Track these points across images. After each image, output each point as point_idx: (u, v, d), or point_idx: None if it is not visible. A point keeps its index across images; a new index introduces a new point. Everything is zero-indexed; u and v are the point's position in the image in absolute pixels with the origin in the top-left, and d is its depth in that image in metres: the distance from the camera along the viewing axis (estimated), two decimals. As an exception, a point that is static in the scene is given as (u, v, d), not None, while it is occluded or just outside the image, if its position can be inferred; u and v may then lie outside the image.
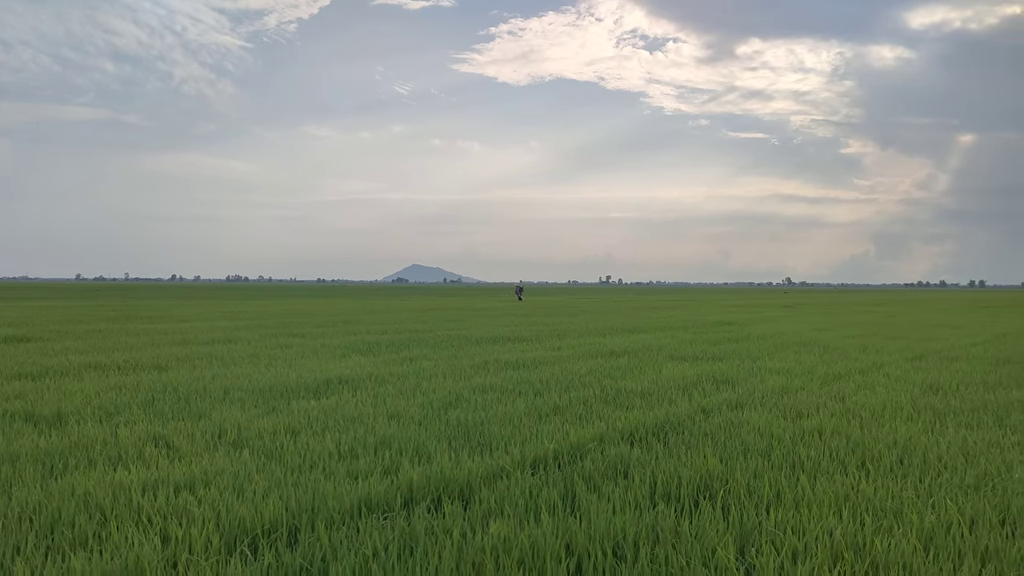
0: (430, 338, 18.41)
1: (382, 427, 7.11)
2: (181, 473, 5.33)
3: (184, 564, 3.68)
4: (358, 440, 6.50)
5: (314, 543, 3.89)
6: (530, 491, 4.95)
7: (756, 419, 7.54)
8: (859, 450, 6.17)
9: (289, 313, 32.90)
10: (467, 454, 6.08)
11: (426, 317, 30.26)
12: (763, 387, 10.02)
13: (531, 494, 4.90)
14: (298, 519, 4.27)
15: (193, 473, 5.32)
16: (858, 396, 9.13)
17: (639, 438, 6.74)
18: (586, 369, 11.95)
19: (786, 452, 6.07)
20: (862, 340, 18.43)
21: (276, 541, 3.98)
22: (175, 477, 5.22)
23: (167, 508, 4.51)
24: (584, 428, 7.08)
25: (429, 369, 11.95)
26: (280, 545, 3.90)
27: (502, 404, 8.60)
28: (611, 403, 8.72)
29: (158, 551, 3.85)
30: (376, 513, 4.50)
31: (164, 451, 6.18)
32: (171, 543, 3.95)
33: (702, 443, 6.46)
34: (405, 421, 7.50)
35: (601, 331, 21.79)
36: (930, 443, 6.40)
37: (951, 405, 8.50)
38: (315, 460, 5.79)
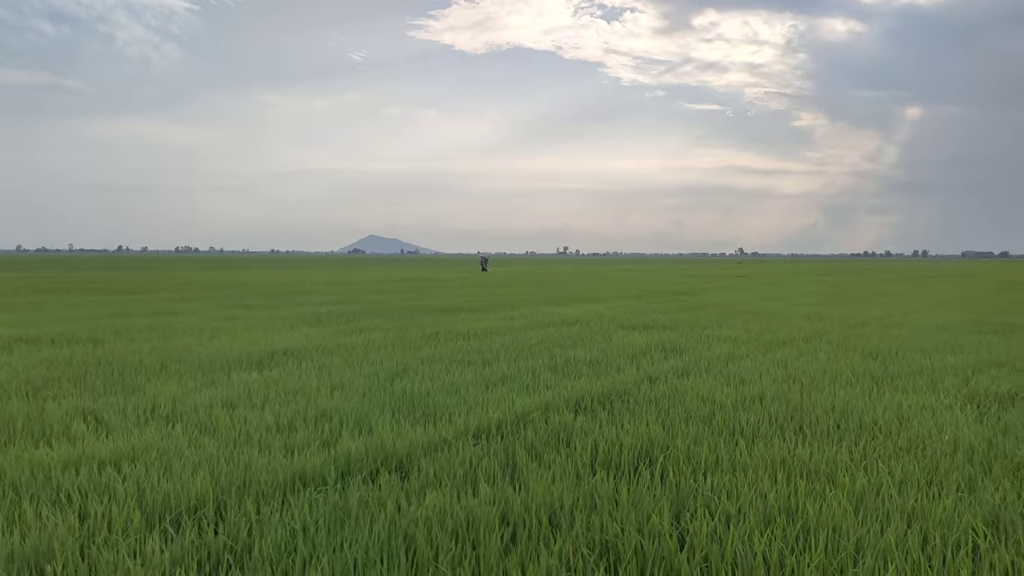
0: (383, 309, 18.18)
1: (324, 399, 6.95)
2: (108, 449, 5.10)
3: (101, 542, 3.51)
4: (298, 413, 6.34)
5: (240, 519, 3.75)
6: (471, 461, 4.88)
7: (700, 386, 7.61)
8: (798, 415, 6.27)
9: (238, 284, 32.13)
10: (410, 425, 5.98)
11: (381, 288, 29.90)
12: (710, 354, 10.14)
13: (471, 464, 4.83)
14: (227, 495, 4.12)
15: (120, 449, 5.10)
16: (800, 362, 9.30)
17: (584, 407, 6.74)
18: (537, 339, 11.92)
19: (727, 418, 6.13)
20: (808, 309, 18.85)
21: (201, 518, 3.83)
22: (101, 453, 4.99)
23: (88, 485, 4.31)
24: (530, 397, 7.04)
25: (379, 340, 11.77)
26: (204, 522, 3.75)
27: (450, 374, 8.51)
28: (559, 372, 8.70)
29: (74, 530, 3.66)
30: (311, 487, 4.38)
31: (92, 426, 5.92)
32: (89, 521, 3.76)
33: (646, 410, 6.49)
34: (349, 393, 7.35)
35: (555, 301, 21.83)
36: (867, 407, 6.54)
37: (889, 370, 8.72)
38: (251, 434, 5.61)
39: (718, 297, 24.21)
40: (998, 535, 3.60)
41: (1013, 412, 6.39)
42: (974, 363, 9.24)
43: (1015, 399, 7.02)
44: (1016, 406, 6.68)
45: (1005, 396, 7.10)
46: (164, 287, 29.81)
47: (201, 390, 7.49)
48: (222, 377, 8.26)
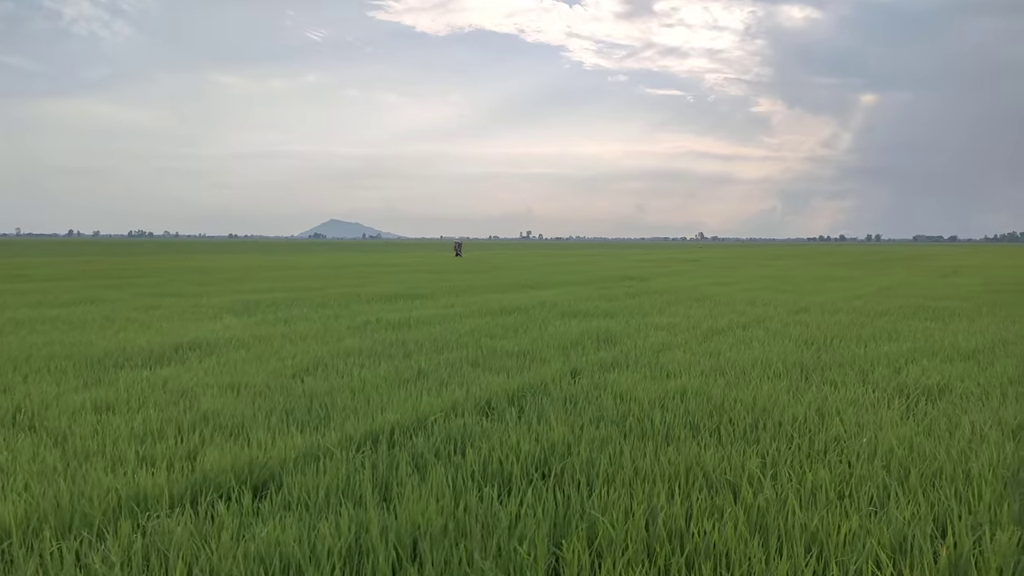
0: (319, 296, 17.46)
1: (211, 400, 6.34)
2: (-72, 467, 4.45)
3: None
4: (173, 418, 5.73)
5: (24, 560, 3.17)
6: (347, 475, 4.36)
7: (623, 381, 7.20)
8: (717, 414, 5.89)
9: (179, 270, 30.90)
10: (296, 430, 5.43)
11: (328, 274, 29.04)
12: (643, 344, 9.77)
13: (347, 479, 4.32)
14: (28, 526, 3.53)
15: (-59, 466, 4.46)
16: (732, 352, 8.98)
17: (495, 406, 6.26)
18: (469, 328, 11.42)
19: (642, 418, 5.72)
20: (754, 294, 18.71)
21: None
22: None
23: None
24: (439, 396, 6.54)
25: (302, 331, 11.14)
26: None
27: (364, 369, 7.96)
28: (481, 366, 8.22)
29: None
30: (147, 512, 3.81)
31: (-70, 438, 5.23)
32: None
33: (558, 410, 6.04)
34: (244, 392, 6.75)
35: (503, 287, 21.35)
36: (789, 403, 6.20)
37: (821, 360, 8.44)
38: (108, 444, 5.00)
39: (668, 283, 24.01)
40: (903, 560, 3.23)
41: (939, 407, 6.11)
42: (908, 352, 9.03)
43: (943, 392, 6.76)
44: (943, 400, 6.42)
45: (934, 389, 6.84)
46: (98, 273, 28.49)
47: (79, 391, 6.81)
48: (110, 375, 7.57)
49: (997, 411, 5.85)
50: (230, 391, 6.81)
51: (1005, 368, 7.66)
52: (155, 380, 7.25)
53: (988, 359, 8.45)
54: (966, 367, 7.96)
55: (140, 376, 7.45)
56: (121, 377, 7.41)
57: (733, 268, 36.48)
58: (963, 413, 5.88)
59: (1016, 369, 7.61)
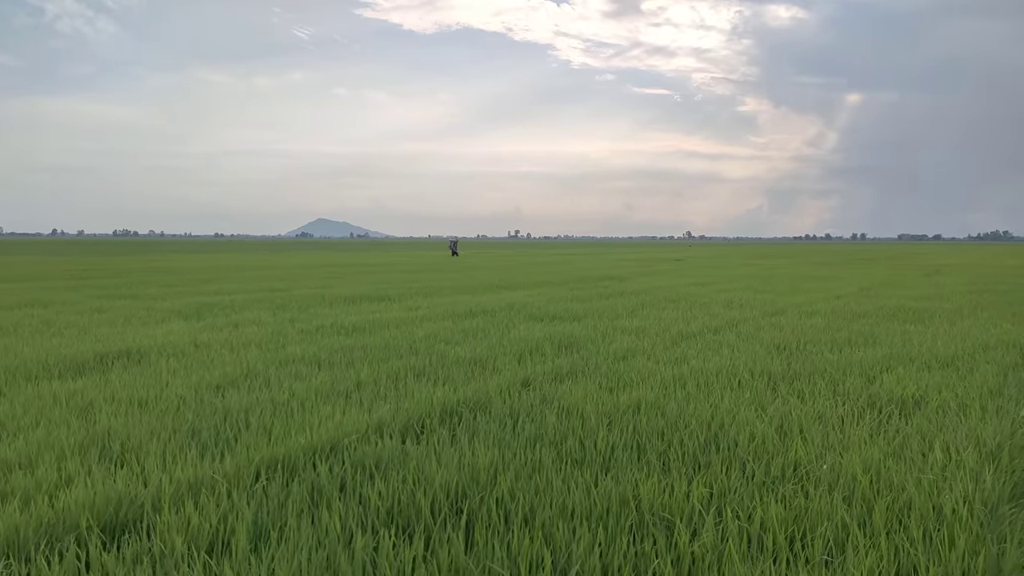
0: (282, 298, 16.78)
1: (110, 419, 5.70)
2: None
3: None
4: (58, 440, 5.09)
5: None
6: (223, 518, 3.75)
7: (575, 393, 6.62)
8: (669, 432, 5.32)
9: (148, 270, 30.06)
10: (197, 455, 4.81)
11: (301, 274, 28.32)
12: (606, 351, 9.20)
13: (222, 522, 3.71)
14: None
15: None
16: (699, 360, 8.43)
17: (425, 425, 5.66)
18: (427, 333, 10.81)
19: (584, 438, 5.14)
20: (732, 294, 18.21)
21: None
22: None
23: None
24: (369, 412, 5.93)
25: (247, 337, 10.49)
26: None
27: (298, 380, 7.34)
28: (426, 376, 7.61)
29: None
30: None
31: None
32: None
33: (495, 429, 5.45)
34: (152, 409, 6.12)
35: (475, 288, 20.74)
36: (749, 419, 5.64)
37: (791, 369, 7.91)
38: (-35, 476, 4.36)
39: (646, 283, 23.49)
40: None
41: (912, 423, 5.58)
42: (884, 358, 8.52)
43: (918, 405, 6.23)
44: (917, 415, 5.88)
45: (908, 401, 6.31)
46: (63, 274, 27.63)
47: (-30, 408, 6.15)
48: (14, 388, 6.91)
49: (975, 428, 5.32)
50: (137, 407, 6.17)
51: (985, 377, 7.15)
52: (61, 394, 6.59)
53: (968, 367, 7.95)
54: (944, 376, 7.44)
55: (46, 390, 6.79)
56: (24, 391, 6.75)
57: (715, 267, 36.05)
58: (938, 431, 5.35)
59: (996, 379, 7.10)
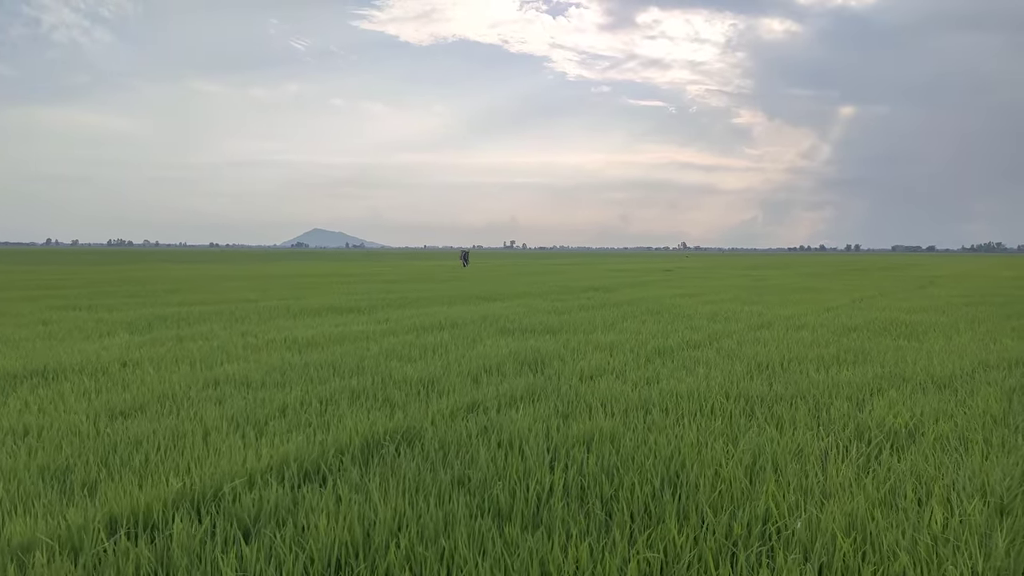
0: (245, 310, 15.93)
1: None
2: None
3: None
4: None
5: None
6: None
7: (522, 421, 5.81)
8: (621, 473, 4.52)
9: (119, 280, 29.19)
10: (60, 499, 4.00)
11: (275, 284, 27.46)
12: (573, 369, 8.39)
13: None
14: None
15: None
16: (671, 380, 7.62)
17: (337, 463, 4.84)
18: (384, 349, 10.00)
19: (519, 481, 4.33)
20: (719, 306, 17.44)
21: None
22: None
23: None
24: (280, 444, 5.11)
25: (186, 353, 9.66)
26: None
27: (216, 405, 6.52)
28: (362, 399, 6.79)
29: None
30: None
31: None
32: None
33: (416, 467, 4.64)
34: (33, 440, 5.28)
35: (453, 299, 19.94)
36: (716, 456, 4.84)
37: (771, 391, 7.11)
38: None
39: (632, 294, 22.71)
40: None
41: (906, 461, 4.78)
42: (875, 379, 7.73)
43: (912, 437, 5.43)
44: (911, 449, 5.09)
45: (901, 432, 5.51)
46: (29, 284, 26.74)
47: None
48: None
49: (979, 469, 4.53)
50: (14, 439, 5.34)
51: (987, 402, 6.36)
52: (-66, 423, 5.75)
53: (967, 389, 7.16)
54: (941, 400, 6.65)
55: (-79, 417, 5.95)
56: None
57: (705, 278, 35.33)
58: (936, 472, 4.56)
59: (1000, 404, 6.31)
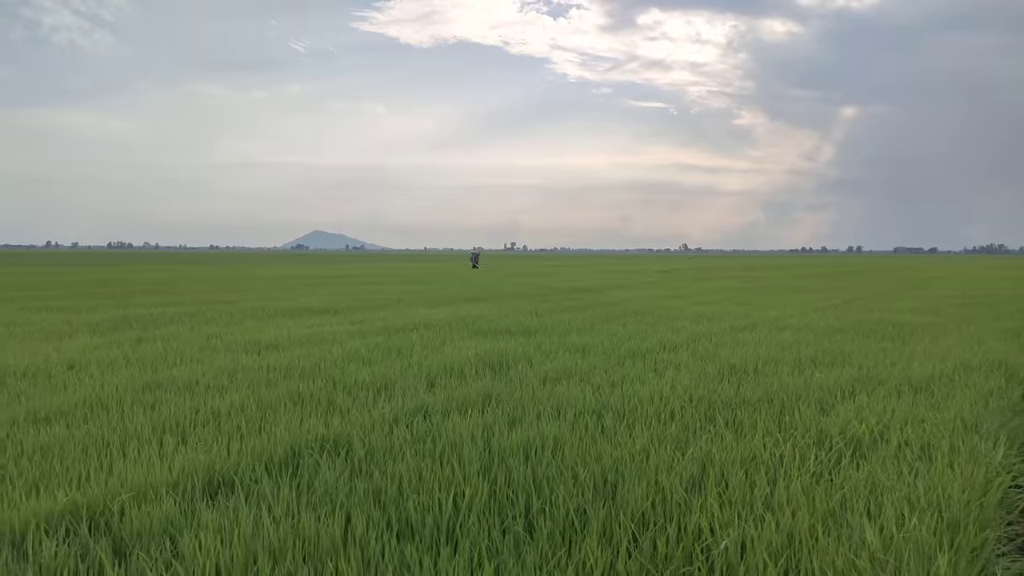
0: (218, 312, 15.59)
1: None
2: None
3: None
4: None
5: None
6: None
7: (463, 427, 5.46)
8: (553, 484, 4.16)
9: (100, 282, 28.88)
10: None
11: (259, 286, 27.14)
12: (538, 372, 8.04)
13: None
14: None
15: None
16: (635, 384, 7.26)
17: (252, 474, 4.49)
18: (345, 351, 9.65)
19: (439, 494, 3.98)
20: (706, 307, 17.09)
21: None
22: None
23: None
24: (190, 456, 4.76)
25: (143, 355, 9.32)
26: None
27: (147, 411, 6.18)
28: (305, 404, 6.45)
29: None
30: None
31: None
32: None
33: (331, 482, 4.29)
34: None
35: (437, 301, 19.59)
36: (662, 463, 4.49)
37: (738, 395, 6.76)
38: None
39: (620, 295, 22.36)
40: None
41: (864, 470, 4.42)
42: (850, 382, 7.38)
43: (876, 444, 5.08)
44: (873, 457, 4.74)
45: (864, 439, 5.15)
46: (7, 285, 26.43)
47: None
48: None
49: (939, 480, 4.17)
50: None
51: (960, 407, 6.00)
52: None
53: (944, 392, 6.80)
54: (914, 404, 6.30)
55: None
56: None
57: (699, 280, 34.98)
58: (895, 482, 4.20)
59: (974, 408, 5.95)
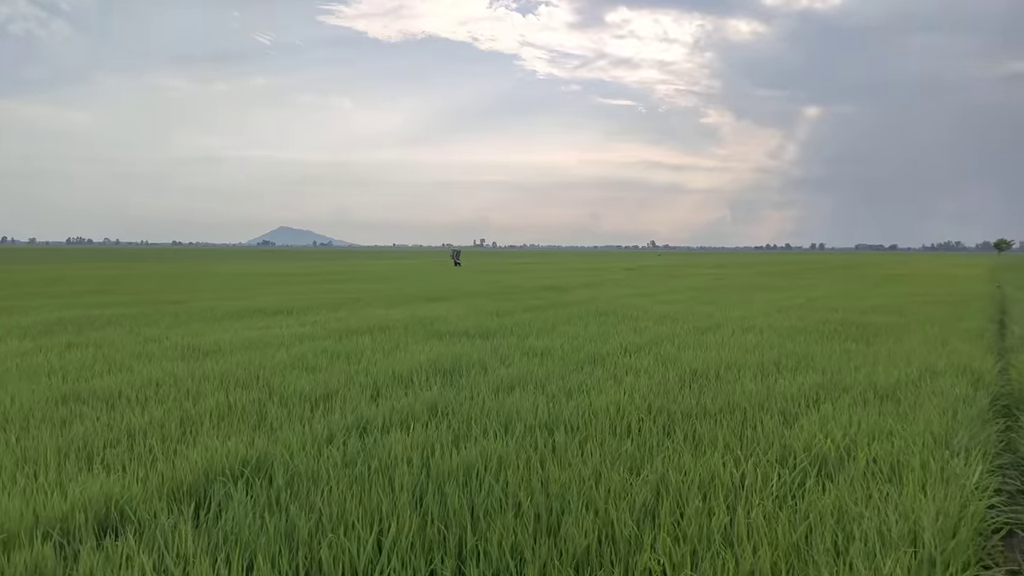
0: (164, 312, 14.85)
1: None
2: None
3: None
4: None
5: None
6: None
7: (405, 446, 5.00)
8: (492, 516, 3.73)
9: (45, 281, 27.71)
10: None
11: (212, 285, 26.26)
12: (493, 379, 7.60)
13: None
14: None
15: None
16: (592, 393, 6.86)
17: (151, 508, 3.98)
18: (290, 357, 9.11)
19: (356, 532, 3.52)
20: (671, 306, 16.84)
21: None
22: None
23: None
24: (90, 484, 4.22)
25: (66, 362, 8.68)
26: None
27: (53, 428, 5.59)
28: (230, 420, 5.92)
29: None
30: None
31: None
32: None
33: (243, 514, 3.81)
34: None
35: (397, 300, 19.04)
36: (614, 488, 4.08)
37: (699, 404, 6.40)
38: None
39: (586, 294, 22.05)
40: None
41: (831, 494, 4.07)
42: (813, 388, 7.08)
43: (843, 463, 4.74)
44: (840, 477, 4.40)
45: (830, 456, 4.82)
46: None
47: None
48: None
49: (911, 505, 3.83)
50: None
51: (929, 417, 5.72)
52: None
53: (911, 400, 6.53)
54: (881, 414, 6.00)
55: None
56: None
57: (666, 277, 34.91)
58: (863, 508, 3.85)
59: (943, 419, 5.67)
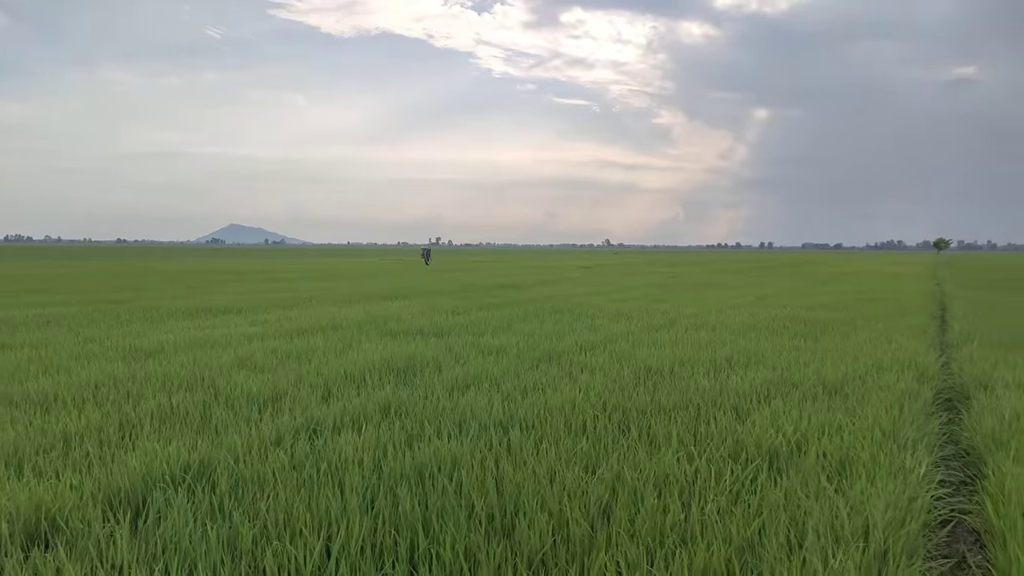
0: (107, 312, 14.30)
1: None
2: None
3: None
4: None
5: None
6: None
7: (355, 447, 4.87)
8: (442, 519, 3.65)
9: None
10: None
11: (157, 283, 25.47)
12: (448, 378, 7.50)
13: None
14: None
15: None
16: (547, 392, 6.83)
17: (83, 517, 3.78)
18: (237, 357, 8.84)
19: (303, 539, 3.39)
20: (626, 304, 16.97)
21: None
22: None
23: None
24: (19, 493, 4.00)
25: (1, 365, 8.25)
26: None
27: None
28: (177, 422, 5.70)
29: None
30: None
31: None
32: None
33: (184, 522, 3.64)
34: None
35: (351, 298, 18.75)
36: (569, 489, 4.04)
37: (653, 401, 6.43)
38: None
39: (542, 291, 22.08)
40: None
41: (782, 487, 4.11)
42: (765, 384, 7.19)
43: (794, 456, 4.80)
44: (792, 471, 4.45)
45: (781, 450, 4.87)
46: None
47: None
48: None
49: (862, 499, 3.89)
50: None
51: (877, 412, 5.85)
52: None
53: (858, 395, 6.68)
54: (830, 408, 6.12)
55: None
56: None
57: (621, 275, 35.24)
58: (817, 501, 3.90)
59: (890, 413, 5.80)
